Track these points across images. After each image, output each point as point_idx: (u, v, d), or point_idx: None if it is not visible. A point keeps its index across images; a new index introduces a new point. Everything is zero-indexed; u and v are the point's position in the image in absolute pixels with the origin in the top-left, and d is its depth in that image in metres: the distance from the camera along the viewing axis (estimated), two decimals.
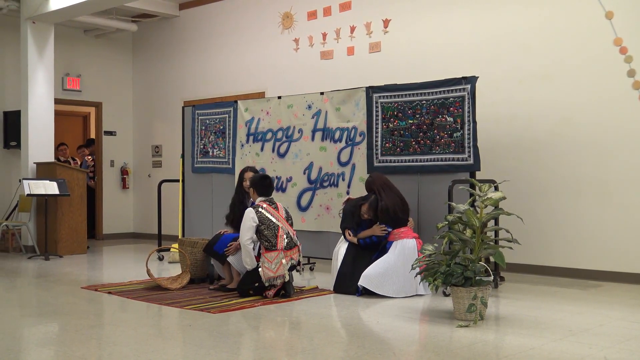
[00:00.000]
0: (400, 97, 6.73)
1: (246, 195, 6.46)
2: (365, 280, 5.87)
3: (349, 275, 6.08)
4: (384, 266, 5.92)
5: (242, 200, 6.49)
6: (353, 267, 6.09)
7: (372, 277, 5.88)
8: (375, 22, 8.55)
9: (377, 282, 5.87)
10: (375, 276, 5.88)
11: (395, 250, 6.02)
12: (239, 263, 6.20)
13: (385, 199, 6.12)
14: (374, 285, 5.86)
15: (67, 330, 4.87)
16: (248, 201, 6.37)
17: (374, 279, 5.88)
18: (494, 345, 4.35)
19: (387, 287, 5.88)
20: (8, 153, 10.59)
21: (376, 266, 5.94)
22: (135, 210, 12.11)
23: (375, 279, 5.88)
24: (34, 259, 8.91)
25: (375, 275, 5.89)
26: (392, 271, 5.89)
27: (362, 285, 5.88)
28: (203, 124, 8.52)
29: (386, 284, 5.88)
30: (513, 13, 7.42)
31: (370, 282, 5.87)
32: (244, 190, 6.49)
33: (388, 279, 5.88)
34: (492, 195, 5.12)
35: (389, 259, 5.97)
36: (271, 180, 6.20)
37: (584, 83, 6.94)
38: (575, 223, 6.99)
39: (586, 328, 4.70)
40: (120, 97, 11.98)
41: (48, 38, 9.78)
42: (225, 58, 10.48)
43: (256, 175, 6.33)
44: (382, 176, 6.33)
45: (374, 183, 6.26)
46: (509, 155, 7.35)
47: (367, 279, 5.88)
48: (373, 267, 5.94)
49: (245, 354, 4.25)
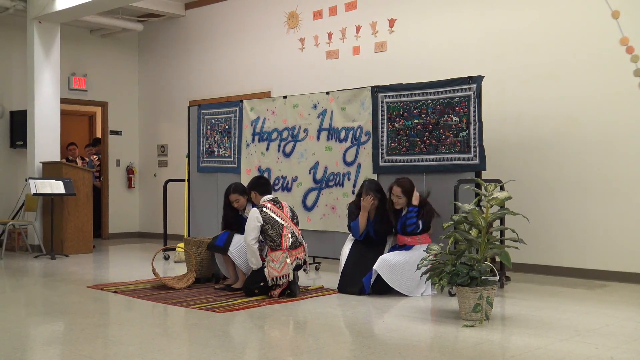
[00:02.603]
0: (405, 96, 6.72)
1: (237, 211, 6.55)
2: (381, 264, 5.79)
3: (351, 275, 6.07)
4: (405, 258, 5.85)
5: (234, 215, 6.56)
6: (356, 267, 6.08)
7: (389, 265, 5.80)
8: (381, 21, 8.55)
9: (392, 273, 5.77)
10: (393, 265, 5.80)
11: (419, 250, 5.90)
12: (243, 263, 6.21)
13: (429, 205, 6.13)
14: (387, 274, 5.77)
15: (73, 330, 4.88)
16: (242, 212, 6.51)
17: (390, 267, 5.79)
18: (500, 345, 4.34)
19: (401, 282, 5.80)
20: (14, 152, 10.62)
21: (398, 255, 5.89)
22: (141, 209, 12.13)
23: (392, 269, 5.79)
24: (40, 258, 8.94)
25: (394, 263, 5.80)
26: (411, 267, 5.71)
27: (376, 269, 5.79)
28: (209, 124, 8.53)
29: (401, 279, 5.80)
30: (519, 12, 7.40)
31: (386, 270, 5.78)
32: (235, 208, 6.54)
33: (405, 273, 5.79)
34: (498, 195, 5.11)
35: (413, 254, 5.89)
36: (266, 178, 6.41)
37: (590, 82, 6.92)
38: (581, 223, 6.97)
39: (592, 328, 4.69)
40: (126, 96, 12.01)
41: (54, 38, 9.81)
42: (231, 58, 10.48)
43: (251, 180, 6.41)
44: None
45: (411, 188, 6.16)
46: (515, 155, 7.33)
47: (384, 263, 5.80)
48: (394, 255, 5.89)
49: (251, 354, 4.26)
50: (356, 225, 6.26)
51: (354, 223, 6.28)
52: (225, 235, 6.41)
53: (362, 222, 6.24)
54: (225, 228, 6.57)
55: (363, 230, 6.25)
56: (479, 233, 5.10)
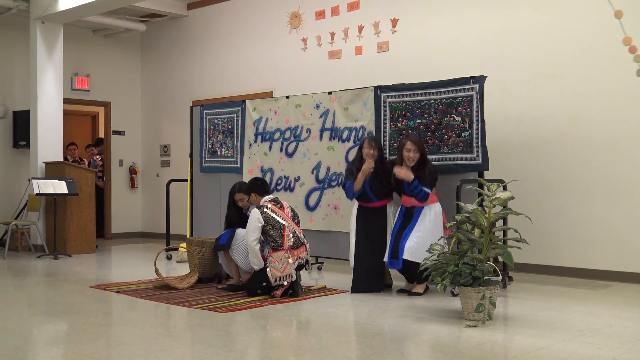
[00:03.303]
0: (408, 96, 6.71)
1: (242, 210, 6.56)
2: (409, 254, 5.82)
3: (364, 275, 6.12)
4: (422, 235, 5.86)
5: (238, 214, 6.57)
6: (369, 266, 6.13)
7: (414, 248, 5.83)
8: (383, 21, 8.54)
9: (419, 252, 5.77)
10: (416, 246, 5.82)
11: (430, 216, 5.94)
12: (246, 264, 6.22)
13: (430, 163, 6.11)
14: (417, 256, 5.76)
15: (76, 329, 4.89)
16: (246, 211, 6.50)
17: (415, 250, 5.81)
18: (503, 346, 4.34)
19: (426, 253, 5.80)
20: (17, 152, 10.64)
21: (414, 237, 5.89)
22: (144, 209, 12.14)
23: (417, 249, 5.80)
24: (43, 258, 8.95)
25: (416, 245, 5.82)
26: (430, 239, 5.73)
27: (407, 258, 5.82)
28: (211, 124, 8.54)
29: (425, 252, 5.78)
30: (521, 12, 7.40)
31: (413, 254, 5.81)
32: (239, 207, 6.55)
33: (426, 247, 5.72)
34: (501, 195, 5.11)
35: (426, 227, 5.92)
36: (263, 179, 6.52)
37: (592, 82, 6.91)
38: (584, 223, 6.96)
39: (595, 328, 4.68)
40: (129, 96, 12.02)
41: (57, 38, 9.82)
42: (234, 58, 10.49)
43: (248, 183, 6.43)
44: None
45: (421, 142, 6.13)
46: (518, 155, 7.33)
47: (410, 251, 5.83)
48: (412, 239, 5.88)
49: (253, 354, 4.26)
50: (351, 187, 6.19)
51: (349, 184, 6.22)
52: (227, 232, 6.42)
53: (358, 185, 6.18)
54: (228, 227, 6.58)
55: (357, 191, 6.21)
56: (482, 233, 5.09)
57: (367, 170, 6.11)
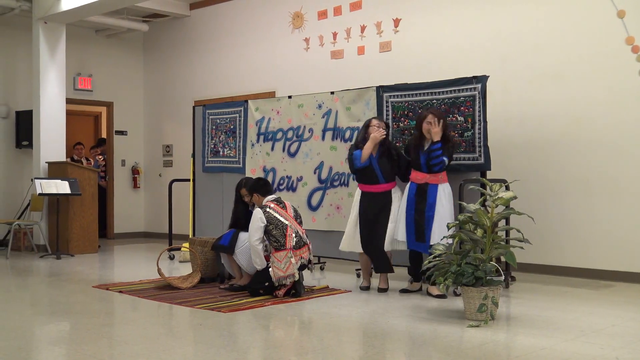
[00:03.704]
0: (410, 96, 6.71)
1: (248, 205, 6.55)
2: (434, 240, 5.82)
3: (369, 236, 6.13)
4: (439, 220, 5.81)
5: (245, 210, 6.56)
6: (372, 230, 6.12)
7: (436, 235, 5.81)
8: (385, 21, 8.54)
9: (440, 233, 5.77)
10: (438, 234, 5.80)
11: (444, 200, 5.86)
12: (248, 264, 6.22)
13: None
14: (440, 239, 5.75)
15: (78, 329, 4.89)
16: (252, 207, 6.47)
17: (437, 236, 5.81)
18: (505, 346, 4.33)
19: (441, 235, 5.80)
20: (20, 152, 10.65)
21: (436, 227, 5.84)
22: (146, 209, 12.15)
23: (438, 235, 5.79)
24: (45, 258, 8.96)
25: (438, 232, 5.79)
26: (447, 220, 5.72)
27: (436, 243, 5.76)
28: (214, 124, 8.54)
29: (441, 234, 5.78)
30: (524, 12, 7.39)
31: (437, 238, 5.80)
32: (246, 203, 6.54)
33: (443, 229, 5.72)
34: (503, 195, 5.10)
35: (442, 210, 5.85)
36: (265, 179, 6.50)
37: (595, 82, 6.90)
38: (586, 223, 6.95)
39: (598, 328, 4.68)
40: (131, 96, 12.03)
41: (59, 38, 9.84)
42: (236, 58, 10.49)
43: (249, 182, 6.42)
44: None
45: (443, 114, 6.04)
46: (520, 155, 7.32)
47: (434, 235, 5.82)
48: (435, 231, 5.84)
49: (255, 353, 4.26)
50: (359, 155, 6.07)
51: (358, 152, 6.10)
52: (229, 234, 6.41)
53: (366, 153, 6.06)
54: (233, 222, 6.56)
55: (364, 161, 6.09)
56: (484, 233, 5.09)
57: (378, 137, 6.03)
